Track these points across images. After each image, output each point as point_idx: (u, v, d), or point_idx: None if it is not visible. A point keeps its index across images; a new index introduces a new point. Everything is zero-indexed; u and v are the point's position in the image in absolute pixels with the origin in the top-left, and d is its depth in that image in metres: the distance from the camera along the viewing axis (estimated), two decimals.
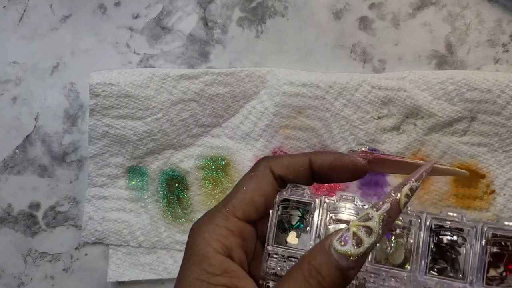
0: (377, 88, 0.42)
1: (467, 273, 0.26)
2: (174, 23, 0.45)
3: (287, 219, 0.29)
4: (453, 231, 0.27)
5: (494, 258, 0.26)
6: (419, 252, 0.27)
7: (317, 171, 0.29)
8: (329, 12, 0.45)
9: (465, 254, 0.27)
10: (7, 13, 0.47)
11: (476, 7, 0.44)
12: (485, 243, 0.26)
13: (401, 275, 0.27)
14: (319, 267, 0.25)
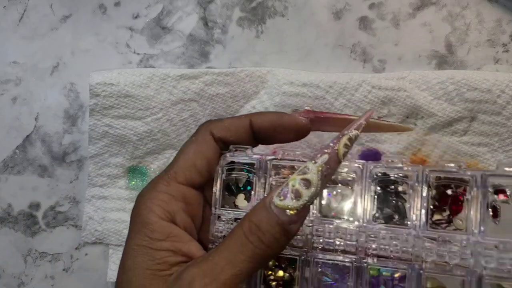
0: (377, 88, 0.42)
1: (411, 219, 0.26)
2: (174, 23, 0.45)
3: (233, 182, 0.29)
4: (397, 178, 0.27)
5: (439, 202, 0.26)
6: (364, 202, 0.27)
7: (258, 131, 0.29)
8: (329, 12, 0.45)
9: (410, 200, 0.26)
10: (7, 13, 0.47)
11: (476, 7, 0.44)
12: (428, 187, 0.26)
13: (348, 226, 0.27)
14: (259, 223, 0.24)
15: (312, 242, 0.27)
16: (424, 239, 0.26)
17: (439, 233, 0.26)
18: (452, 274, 0.26)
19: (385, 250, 0.26)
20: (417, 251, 0.26)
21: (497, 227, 0.26)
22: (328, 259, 0.27)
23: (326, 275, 0.27)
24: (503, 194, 0.26)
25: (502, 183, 0.26)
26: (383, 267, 0.26)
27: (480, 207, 0.26)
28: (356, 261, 0.27)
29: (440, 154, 0.42)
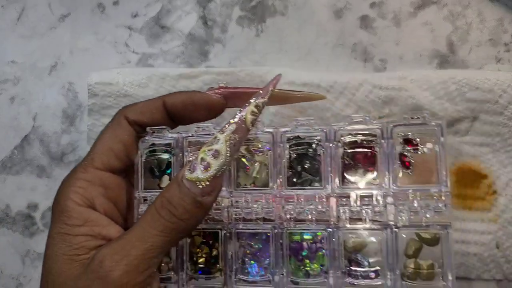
0: (378, 88, 0.42)
1: (324, 179, 0.26)
2: (173, 22, 0.45)
3: (156, 164, 0.29)
4: (310, 140, 0.27)
5: (353, 160, 0.26)
6: (278, 167, 0.27)
7: (172, 111, 0.29)
8: (329, 11, 0.44)
9: (323, 161, 0.26)
10: (6, 12, 0.46)
11: (477, 6, 0.44)
12: (339, 145, 0.26)
13: (266, 194, 0.27)
14: (171, 197, 0.25)
15: (232, 214, 0.27)
16: (339, 198, 0.26)
17: (353, 190, 0.26)
18: (369, 229, 0.26)
19: (303, 213, 0.26)
20: (334, 210, 0.26)
21: (411, 177, 0.26)
22: (249, 228, 0.27)
23: (250, 245, 0.28)
24: (412, 144, 0.26)
25: (409, 132, 0.26)
26: (305, 231, 0.27)
27: (390, 159, 0.25)
28: (275, 227, 0.27)
29: None
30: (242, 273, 0.28)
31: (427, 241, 0.26)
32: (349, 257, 0.27)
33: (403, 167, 0.26)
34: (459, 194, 0.41)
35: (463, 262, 0.41)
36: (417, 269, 0.26)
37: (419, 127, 0.26)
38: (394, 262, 0.26)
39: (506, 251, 0.41)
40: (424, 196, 0.25)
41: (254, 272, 0.27)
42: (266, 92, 0.27)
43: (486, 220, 0.41)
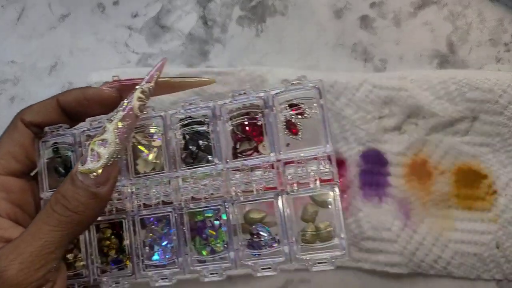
0: (378, 88, 0.42)
1: (216, 154, 0.27)
2: (173, 22, 0.45)
3: (60, 163, 0.29)
4: (199, 119, 0.27)
5: (243, 133, 0.27)
6: (170, 150, 0.27)
7: (67, 109, 0.29)
8: (329, 11, 0.44)
9: (213, 138, 0.27)
10: (5, 12, 0.46)
11: (477, 6, 0.44)
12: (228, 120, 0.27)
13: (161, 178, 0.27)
14: (65, 192, 0.25)
15: (134, 201, 0.28)
16: (231, 172, 0.26)
17: (242, 163, 0.26)
18: (261, 198, 0.26)
19: (198, 192, 0.27)
20: (228, 184, 0.26)
21: (299, 142, 0.26)
22: (151, 214, 0.28)
23: (155, 230, 0.28)
24: (297, 109, 0.26)
25: (291, 98, 0.26)
26: (205, 209, 0.27)
27: (272, 127, 0.26)
28: (175, 209, 0.27)
29: (442, 154, 0.42)
30: (149, 259, 0.28)
31: (321, 203, 0.27)
32: (250, 230, 0.27)
33: (291, 133, 0.26)
34: (459, 194, 0.42)
35: (463, 262, 0.41)
36: (316, 232, 0.26)
37: (301, 92, 0.26)
38: (291, 228, 0.26)
39: (506, 251, 0.41)
40: (310, 160, 0.26)
41: (161, 256, 0.28)
42: (151, 77, 0.27)
43: (486, 220, 0.41)
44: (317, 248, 0.26)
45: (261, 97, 0.27)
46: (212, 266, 0.27)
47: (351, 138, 0.42)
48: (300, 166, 0.26)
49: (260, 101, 0.27)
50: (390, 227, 0.41)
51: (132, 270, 0.28)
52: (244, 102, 0.27)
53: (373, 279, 0.42)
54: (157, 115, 0.28)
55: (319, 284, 0.42)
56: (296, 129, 0.26)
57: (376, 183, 0.42)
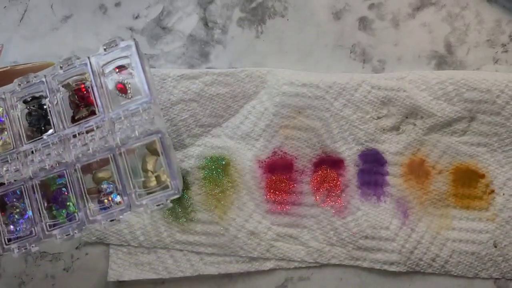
0: (377, 88, 0.42)
1: (55, 124, 0.28)
2: (174, 23, 0.46)
3: None
4: (36, 94, 0.29)
5: (81, 100, 0.28)
6: (15, 128, 0.29)
7: None
8: (329, 13, 0.45)
9: (51, 109, 0.28)
10: (8, 13, 0.47)
11: (475, 7, 0.44)
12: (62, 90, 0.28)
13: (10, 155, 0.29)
14: None
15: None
16: (70, 138, 0.28)
17: (78, 127, 0.28)
18: (98, 157, 0.28)
19: (42, 161, 0.28)
20: (69, 150, 0.28)
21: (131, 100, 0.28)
22: (5, 190, 0.29)
23: (15, 206, 0.30)
24: (124, 69, 0.28)
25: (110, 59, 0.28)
26: (57, 177, 0.29)
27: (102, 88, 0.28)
28: (23, 182, 0.29)
29: (440, 154, 0.42)
30: (10, 233, 0.30)
31: (154, 152, 0.28)
32: (98, 188, 0.29)
33: (122, 93, 0.28)
34: (457, 193, 0.42)
35: (460, 261, 0.41)
36: (156, 180, 0.29)
37: (116, 53, 0.28)
38: (130, 180, 0.28)
39: (503, 250, 0.41)
40: (135, 113, 0.28)
41: (22, 228, 0.30)
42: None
43: (484, 219, 0.42)
44: (153, 194, 0.28)
45: (84, 63, 0.29)
46: (64, 228, 0.29)
47: (349, 138, 0.42)
48: (127, 120, 0.28)
49: (87, 68, 0.29)
50: (388, 226, 0.41)
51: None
52: (73, 71, 0.29)
53: (372, 277, 0.42)
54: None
55: (318, 282, 0.42)
56: (125, 89, 0.28)
57: (374, 182, 0.42)
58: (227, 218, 0.42)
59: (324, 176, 0.43)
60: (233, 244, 0.42)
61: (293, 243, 0.42)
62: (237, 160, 0.43)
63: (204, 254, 0.42)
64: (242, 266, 0.42)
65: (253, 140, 0.43)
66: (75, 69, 0.29)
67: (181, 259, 0.42)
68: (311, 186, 0.42)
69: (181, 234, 0.42)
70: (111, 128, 0.28)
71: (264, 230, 0.42)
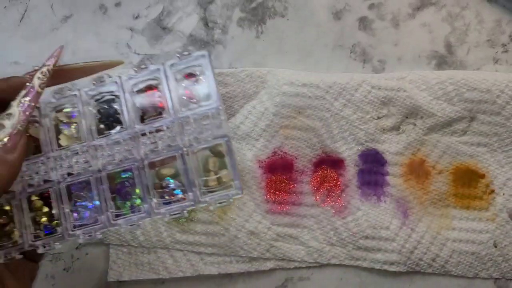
0: (377, 88, 0.42)
1: (126, 122, 0.31)
2: (174, 23, 0.46)
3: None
4: (110, 94, 0.31)
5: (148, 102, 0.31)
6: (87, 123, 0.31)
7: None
8: (329, 13, 0.45)
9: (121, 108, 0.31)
10: (8, 14, 0.47)
11: (475, 7, 0.44)
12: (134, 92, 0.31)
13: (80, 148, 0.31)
14: None
15: (58, 171, 0.31)
16: (139, 137, 0.30)
17: (148, 126, 0.30)
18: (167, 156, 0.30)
19: (112, 155, 0.30)
20: (138, 148, 0.30)
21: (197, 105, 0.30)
22: (72, 180, 0.31)
23: (80, 196, 0.31)
24: (192, 76, 0.30)
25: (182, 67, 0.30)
26: (122, 171, 0.31)
27: (171, 93, 0.30)
28: (93, 173, 0.31)
29: (440, 154, 0.42)
30: (75, 221, 0.31)
31: (218, 154, 0.30)
32: (161, 184, 0.31)
33: (189, 98, 0.30)
34: (457, 193, 0.42)
35: (460, 261, 0.41)
36: (217, 180, 0.31)
37: (192, 61, 0.30)
38: (194, 178, 0.30)
39: (503, 250, 0.41)
40: (204, 117, 0.30)
41: (85, 217, 0.31)
42: (50, 59, 0.31)
43: (484, 219, 0.42)
44: (217, 193, 0.30)
45: (158, 69, 0.30)
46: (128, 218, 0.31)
47: (349, 138, 0.42)
48: (196, 123, 0.30)
49: (160, 73, 0.31)
50: (388, 226, 0.41)
51: (61, 234, 0.31)
52: (146, 76, 0.31)
53: (372, 277, 0.42)
54: (72, 94, 0.32)
55: (318, 282, 0.42)
56: (193, 94, 0.30)
57: (374, 182, 0.42)
58: (227, 218, 0.42)
59: (324, 176, 0.43)
60: (233, 244, 0.42)
61: (293, 243, 0.42)
62: (237, 160, 0.43)
63: (204, 254, 0.42)
64: (242, 266, 0.42)
65: (253, 140, 0.43)
66: (148, 73, 0.31)
67: (181, 259, 0.42)
68: (311, 186, 0.42)
69: (181, 234, 0.42)
70: (179, 129, 0.30)
71: (264, 230, 0.42)
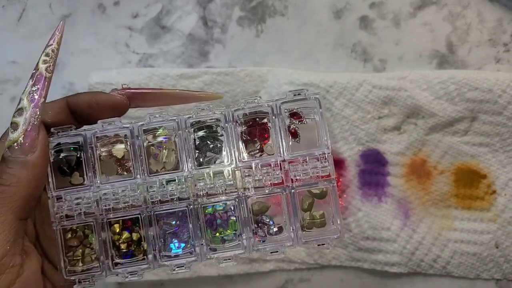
0: (378, 88, 0.42)
1: (227, 155, 0.30)
2: (173, 22, 0.45)
3: (64, 163, 0.30)
4: (211, 123, 0.30)
5: (250, 135, 0.30)
6: (186, 151, 0.30)
7: (76, 111, 0.29)
8: (329, 12, 0.44)
9: (225, 140, 0.30)
10: (6, 13, 0.46)
11: (477, 7, 0.44)
12: (238, 124, 0.30)
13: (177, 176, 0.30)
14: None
15: (149, 198, 0.30)
16: (242, 170, 0.30)
17: (252, 162, 0.30)
18: (272, 193, 0.30)
19: (213, 188, 0.30)
20: (240, 181, 0.30)
21: (299, 145, 0.30)
22: (166, 209, 0.30)
23: (169, 224, 0.30)
24: (297, 117, 0.31)
25: (294, 107, 0.30)
26: (216, 203, 0.30)
27: (280, 132, 0.30)
28: (190, 204, 0.30)
29: (441, 154, 0.42)
30: (164, 250, 0.30)
31: (317, 195, 0.31)
32: (256, 220, 0.30)
33: (292, 137, 0.30)
34: (458, 193, 0.42)
35: (462, 262, 0.41)
36: (312, 220, 0.30)
37: (301, 102, 0.30)
38: (293, 217, 0.30)
39: (505, 251, 0.41)
40: (311, 159, 0.30)
41: (176, 247, 0.30)
42: (53, 38, 0.28)
43: (486, 220, 0.41)
44: (315, 234, 0.30)
45: (269, 105, 0.30)
46: (226, 253, 0.30)
47: (350, 138, 0.42)
48: (302, 164, 0.30)
49: (268, 109, 0.30)
50: (389, 226, 0.41)
51: (149, 261, 0.30)
52: (254, 108, 0.30)
53: (373, 278, 0.42)
54: (171, 118, 0.30)
55: (319, 284, 0.42)
56: (296, 133, 0.30)
57: (375, 182, 0.42)
58: None
59: None
60: None
61: None
62: None
63: None
64: (242, 267, 0.41)
65: None
66: (255, 106, 0.30)
67: None
68: None
69: None
70: (286, 168, 0.30)
71: None
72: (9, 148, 0.26)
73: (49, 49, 0.28)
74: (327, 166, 0.30)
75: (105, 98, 0.29)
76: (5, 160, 0.26)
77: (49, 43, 0.28)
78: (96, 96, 0.29)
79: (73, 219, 0.29)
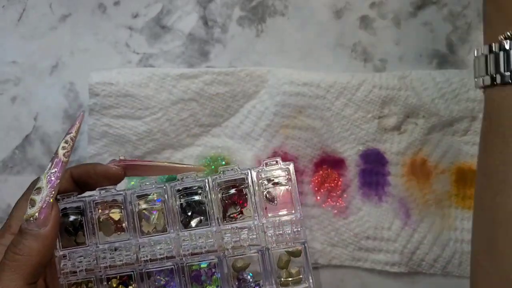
0: (378, 88, 0.42)
1: (210, 218, 0.34)
2: (173, 22, 0.45)
3: (70, 224, 0.34)
4: (195, 190, 0.34)
5: (230, 200, 0.34)
6: (171, 215, 0.34)
7: (78, 180, 0.34)
8: (329, 11, 0.44)
9: (208, 204, 0.34)
10: (6, 13, 0.46)
11: (477, 6, 0.44)
12: (218, 190, 0.34)
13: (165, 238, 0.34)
14: (14, 241, 0.30)
15: (140, 257, 0.34)
16: (222, 232, 0.34)
17: (232, 225, 0.34)
18: (245, 254, 0.34)
19: (197, 247, 0.33)
20: (220, 242, 0.34)
21: (275, 207, 0.34)
22: (156, 267, 0.34)
23: (159, 279, 0.34)
24: (274, 183, 0.34)
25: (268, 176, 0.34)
26: (201, 261, 0.34)
27: (256, 196, 0.34)
28: (177, 263, 0.34)
29: (441, 154, 0.42)
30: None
31: (293, 254, 0.34)
32: (237, 276, 0.34)
33: (268, 201, 0.34)
34: (459, 193, 0.42)
35: (462, 261, 0.41)
36: (288, 277, 0.34)
37: (275, 168, 0.34)
38: (270, 274, 0.34)
39: None
40: (285, 222, 0.34)
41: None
42: (73, 128, 0.32)
43: None
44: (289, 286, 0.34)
45: (245, 173, 0.34)
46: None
47: (350, 137, 0.42)
48: (277, 226, 0.34)
49: (244, 176, 0.34)
50: (390, 226, 0.41)
51: None
52: (232, 176, 0.34)
53: (373, 278, 0.42)
54: (159, 186, 0.34)
55: (319, 284, 0.42)
56: (273, 198, 0.34)
57: (376, 182, 0.42)
58: None
59: (325, 176, 0.42)
60: None
61: None
62: (237, 160, 0.43)
63: None
64: None
65: (253, 140, 0.43)
66: (233, 175, 0.34)
67: None
68: (311, 186, 0.42)
69: None
70: (262, 230, 0.34)
71: None
72: (26, 221, 0.29)
73: (68, 137, 0.32)
74: (299, 229, 0.33)
75: (102, 170, 0.34)
76: (21, 232, 0.29)
77: (69, 131, 0.32)
78: (94, 167, 0.34)
79: (76, 274, 0.34)
